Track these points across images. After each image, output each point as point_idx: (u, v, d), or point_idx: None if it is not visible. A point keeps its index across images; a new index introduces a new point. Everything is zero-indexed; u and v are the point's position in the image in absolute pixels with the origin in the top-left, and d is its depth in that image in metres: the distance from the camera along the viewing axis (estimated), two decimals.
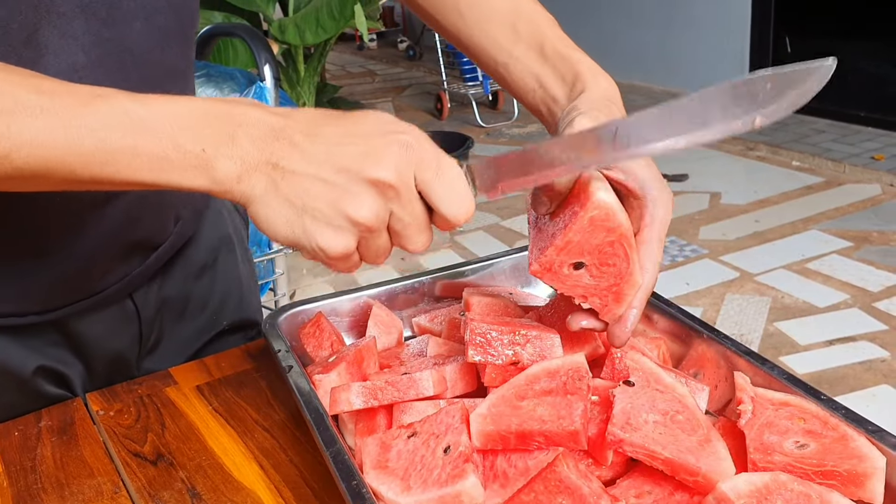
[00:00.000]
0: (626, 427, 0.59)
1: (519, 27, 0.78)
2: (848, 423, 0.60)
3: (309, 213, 0.56)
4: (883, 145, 4.49)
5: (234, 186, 0.56)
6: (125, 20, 0.70)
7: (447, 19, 0.81)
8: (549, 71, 0.76)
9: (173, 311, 0.94)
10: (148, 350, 0.93)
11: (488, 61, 0.80)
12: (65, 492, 0.71)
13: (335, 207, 0.56)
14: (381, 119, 0.58)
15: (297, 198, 0.56)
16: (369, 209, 0.56)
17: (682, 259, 3.41)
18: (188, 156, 0.55)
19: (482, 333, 0.69)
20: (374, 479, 0.61)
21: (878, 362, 2.58)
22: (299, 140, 0.56)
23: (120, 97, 0.56)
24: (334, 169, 0.55)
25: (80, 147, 0.54)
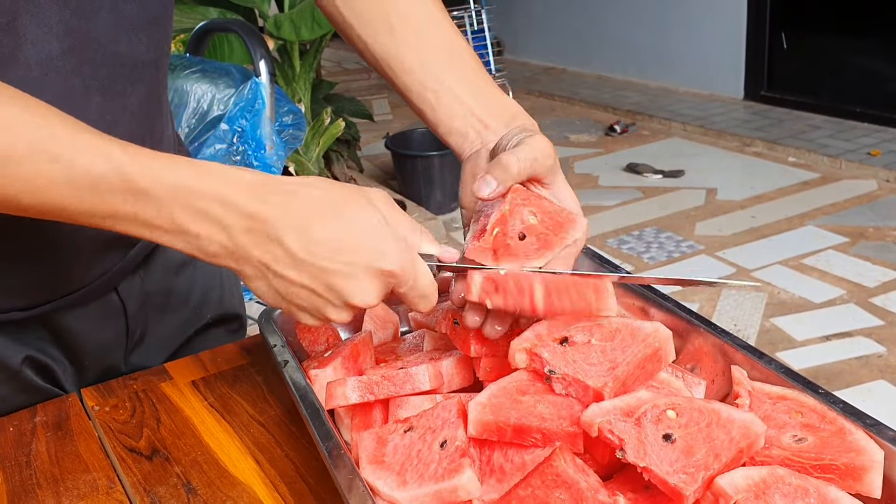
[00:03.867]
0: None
1: (454, 59, 0.80)
2: (846, 416, 0.60)
3: (295, 306, 0.64)
4: (879, 141, 4.49)
5: (226, 263, 0.63)
6: (92, 10, 0.71)
7: (377, 39, 0.81)
8: (483, 103, 0.78)
9: (156, 305, 0.94)
10: (134, 344, 0.93)
11: (414, 86, 0.80)
12: (60, 487, 0.71)
13: (319, 311, 0.64)
14: (370, 224, 0.63)
15: (286, 295, 0.64)
16: (347, 316, 0.65)
17: (679, 255, 3.41)
18: (184, 233, 0.61)
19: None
20: (371, 474, 0.61)
21: (874, 357, 2.58)
22: (292, 245, 0.61)
23: (124, 161, 0.59)
24: (323, 286, 0.63)
25: (83, 203, 0.59)
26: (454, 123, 0.79)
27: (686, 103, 5.56)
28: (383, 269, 0.63)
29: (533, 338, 0.66)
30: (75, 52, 0.71)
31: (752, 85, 5.45)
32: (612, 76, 6.42)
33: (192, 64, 1.89)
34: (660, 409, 0.59)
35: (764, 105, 5.34)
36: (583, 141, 5.11)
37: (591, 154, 4.83)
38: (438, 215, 3.90)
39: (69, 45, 0.70)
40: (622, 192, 4.16)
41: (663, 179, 4.30)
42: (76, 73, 0.71)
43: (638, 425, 0.58)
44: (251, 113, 1.74)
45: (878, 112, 4.72)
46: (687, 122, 5.13)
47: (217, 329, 1.03)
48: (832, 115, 4.94)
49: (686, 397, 0.61)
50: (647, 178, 4.34)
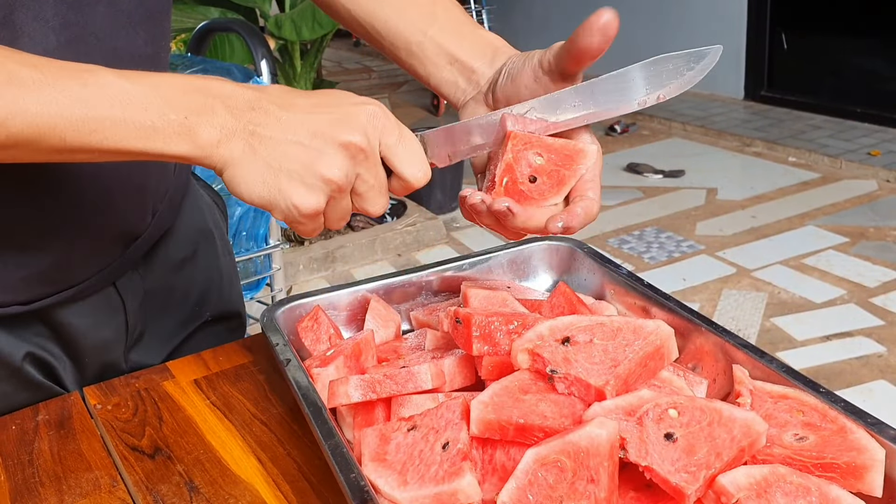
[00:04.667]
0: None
1: (437, 11, 0.81)
2: (847, 415, 0.60)
3: (285, 174, 0.62)
4: (879, 141, 4.50)
5: (214, 151, 0.61)
6: (89, 4, 0.72)
7: (360, 4, 0.82)
8: (466, 46, 0.79)
9: (156, 302, 0.94)
10: (134, 342, 0.93)
11: (400, 43, 0.81)
12: (62, 485, 0.71)
13: (309, 168, 0.62)
14: (346, 94, 0.65)
15: (273, 160, 0.62)
16: (340, 169, 0.62)
17: (679, 255, 3.41)
18: (172, 124, 0.60)
19: (484, 325, 0.69)
20: (372, 472, 0.61)
21: (874, 357, 2.58)
22: (273, 110, 0.62)
23: (106, 72, 0.60)
24: (309, 133, 0.62)
25: (71, 116, 0.58)
26: (443, 74, 0.80)
27: (686, 103, 5.56)
28: (367, 108, 0.63)
29: (535, 338, 0.66)
30: (72, 46, 0.71)
31: (753, 85, 5.45)
32: None
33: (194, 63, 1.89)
34: (661, 409, 0.59)
35: (764, 105, 5.34)
36: None
37: None
38: (439, 215, 3.90)
39: (66, 38, 0.71)
40: (623, 192, 4.16)
41: (664, 179, 4.30)
42: None
43: (640, 424, 0.58)
44: None
45: (879, 112, 4.72)
46: (687, 122, 5.13)
47: (217, 326, 1.04)
48: (832, 115, 4.95)
49: (688, 396, 0.61)
50: (647, 177, 4.34)
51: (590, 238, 3.55)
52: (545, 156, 0.70)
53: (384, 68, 7.89)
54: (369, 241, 3.61)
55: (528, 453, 0.57)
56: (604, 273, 0.88)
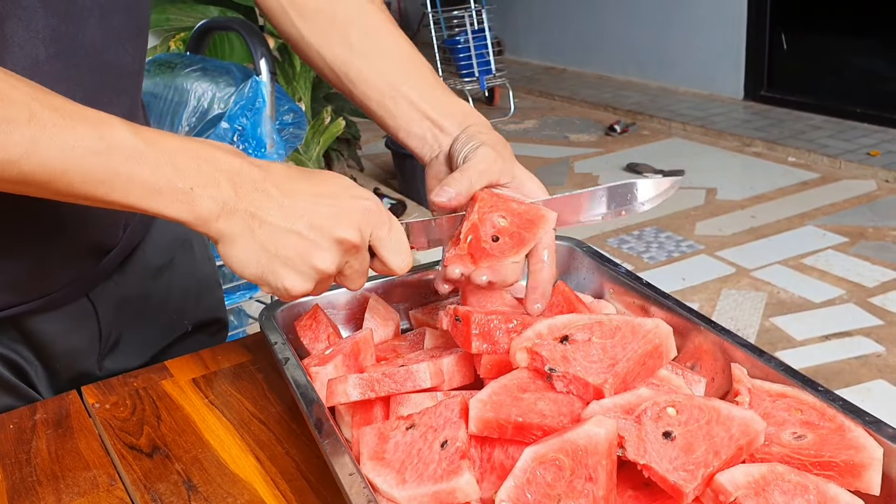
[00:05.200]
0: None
1: (411, 69, 0.85)
2: (845, 414, 0.60)
3: (280, 259, 0.65)
4: (878, 141, 4.50)
5: (213, 224, 0.64)
6: (81, 17, 0.72)
7: (336, 53, 0.85)
8: (437, 106, 0.83)
9: (132, 311, 0.94)
10: (108, 349, 0.93)
11: (373, 94, 0.84)
12: (60, 484, 0.71)
13: (304, 258, 0.65)
14: (345, 183, 0.69)
15: (270, 245, 0.65)
16: (332, 262, 0.66)
17: (679, 254, 3.41)
18: (177, 191, 0.62)
19: (484, 324, 0.69)
20: (371, 470, 0.61)
21: (873, 357, 2.58)
22: (275, 194, 0.65)
23: (122, 127, 0.62)
24: (307, 225, 0.65)
25: (83, 165, 0.60)
26: (412, 128, 0.83)
27: (686, 103, 5.56)
28: (363, 204, 0.67)
29: (533, 336, 0.66)
30: (61, 58, 0.72)
31: (752, 85, 5.45)
32: (613, 76, 6.42)
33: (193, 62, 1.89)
34: (660, 407, 0.59)
35: (764, 105, 5.34)
36: (583, 141, 5.12)
37: (592, 154, 4.84)
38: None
39: (55, 50, 0.71)
40: None
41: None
42: (62, 78, 0.72)
43: (638, 423, 0.58)
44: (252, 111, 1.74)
45: (878, 112, 4.72)
46: (687, 122, 5.13)
47: (199, 334, 1.03)
48: (832, 115, 4.95)
49: (686, 395, 0.61)
50: (647, 177, 4.34)
51: (589, 238, 3.55)
52: (508, 218, 0.75)
53: None
54: None
55: (526, 452, 0.57)
56: (603, 272, 0.88)
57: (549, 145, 5.07)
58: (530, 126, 5.54)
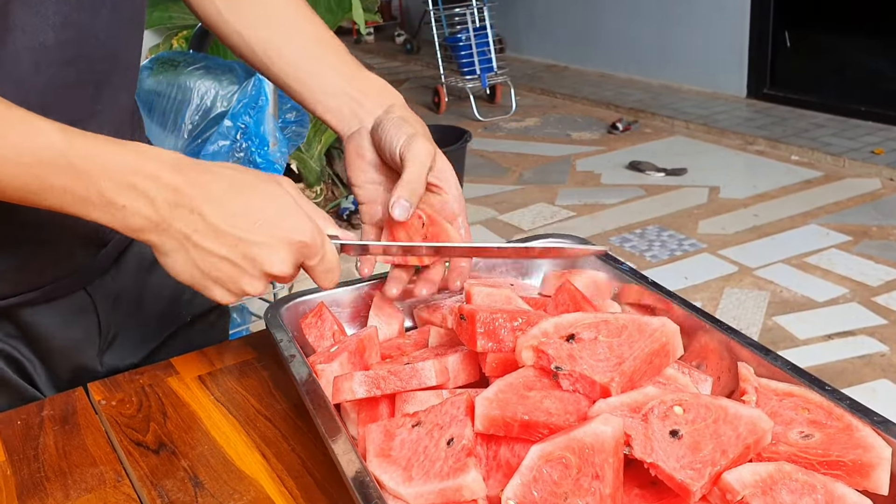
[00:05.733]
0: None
1: (325, 46, 0.88)
2: (853, 413, 0.60)
3: (212, 280, 0.68)
4: (882, 139, 4.49)
5: (145, 236, 0.66)
6: (93, 6, 0.73)
7: (256, 32, 0.88)
8: (355, 82, 0.86)
9: (129, 304, 0.94)
10: (108, 343, 0.93)
11: (290, 70, 0.87)
12: (67, 480, 0.71)
13: (235, 282, 0.69)
14: (284, 207, 0.69)
15: (204, 266, 0.67)
16: (261, 287, 0.70)
17: (681, 253, 3.41)
18: (109, 206, 0.64)
19: (489, 322, 0.69)
20: (377, 468, 0.61)
21: (877, 357, 2.58)
22: (212, 219, 0.66)
23: (57, 137, 0.62)
24: (241, 255, 0.67)
25: (16, 179, 0.62)
26: (330, 102, 0.86)
27: (689, 101, 5.56)
28: (298, 240, 0.68)
29: (539, 335, 0.66)
30: (71, 45, 0.72)
31: (756, 83, 5.45)
32: (615, 74, 6.42)
33: (196, 60, 1.89)
34: (667, 406, 0.59)
35: (767, 103, 5.34)
36: (585, 139, 5.11)
37: (594, 152, 4.84)
38: None
39: (66, 37, 0.71)
40: (624, 190, 4.16)
41: (666, 177, 4.30)
42: (71, 64, 0.73)
43: (645, 421, 0.58)
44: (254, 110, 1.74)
45: (882, 110, 4.72)
46: (690, 120, 5.13)
47: (200, 325, 1.03)
48: (835, 113, 4.94)
49: (693, 393, 0.61)
50: (649, 175, 4.34)
51: (592, 236, 3.55)
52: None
53: (385, 66, 7.89)
54: None
55: (532, 449, 0.57)
56: (608, 270, 0.88)
57: (551, 143, 5.07)
58: (532, 124, 5.54)
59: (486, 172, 4.59)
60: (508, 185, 4.38)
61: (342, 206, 3.80)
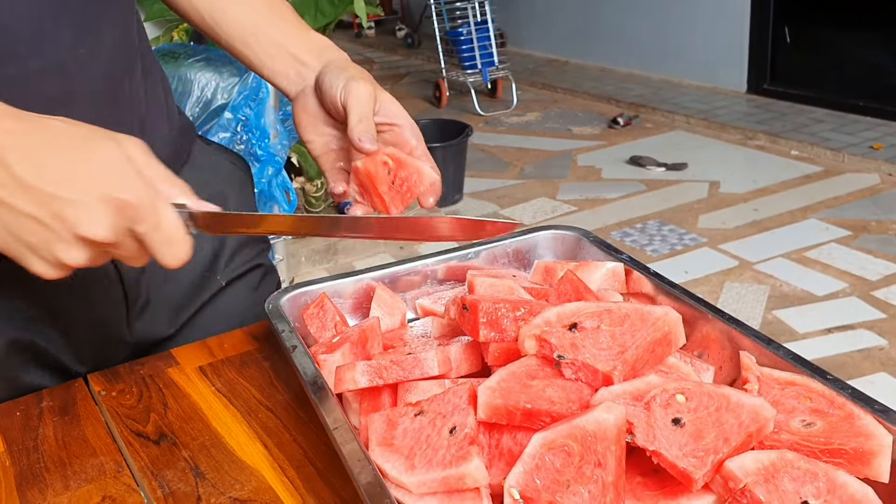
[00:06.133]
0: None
1: (272, 9, 0.89)
2: (854, 402, 0.60)
3: (24, 244, 0.59)
4: (882, 135, 4.49)
5: None
6: None
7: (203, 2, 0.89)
8: (297, 42, 0.88)
9: (157, 272, 0.90)
10: (137, 313, 0.90)
11: (236, 34, 0.88)
12: (67, 471, 0.71)
13: (48, 248, 0.59)
14: (114, 161, 0.60)
15: (13, 228, 0.59)
16: (80, 257, 0.60)
17: (682, 247, 3.41)
18: None
19: (491, 312, 0.69)
20: (379, 457, 0.61)
21: (876, 350, 2.58)
22: (20, 170, 0.57)
23: None
24: (50, 215, 0.58)
25: None
26: (275, 65, 0.88)
27: (689, 96, 5.55)
28: (116, 196, 0.59)
29: (542, 324, 0.66)
30: None
31: (756, 78, 5.44)
32: (616, 68, 6.41)
33: (196, 52, 1.89)
34: (669, 394, 0.59)
35: (767, 98, 5.33)
36: (586, 133, 5.11)
37: (595, 147, 4.83)
38: (442, 207, 3.90)
39: None
40: (625, 185, 4.16)
41: (666, 172, 4.30)
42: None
43: (647, 409, 0.58)
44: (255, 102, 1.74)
45: (881, 106, 4.71)
46: (690, 115, 5.12)
47: (239, 287, 1.01)
48: (835, 108, 4.94)
49: (695, 382, 0.61)
50: (650, 170, 4.33)
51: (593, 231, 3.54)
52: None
53: (385, 60, 7.89)
54: None
55: (535, 438, 0.57)
56: (609, 261, 0.88)
57: (552, 138, 5.06)
58: (533, 119, 5.54)
59: (488, 167, 4.59)
60: (510, 179, 4.38)
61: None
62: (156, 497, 0.67)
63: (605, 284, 0.85)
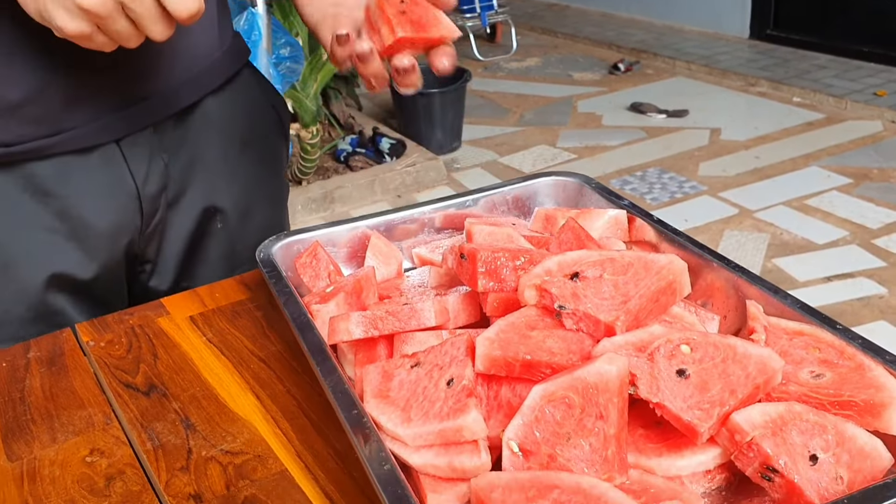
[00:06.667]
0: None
1: None
2: (865, 352, 0.58)
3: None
4: (885, 81, 4.42)
5: None
6: None
7: None
8: None
9: (176, 188, 0.91)
10: (154, 228, 0.90)
11: None
12: (55, 423, 0.69)
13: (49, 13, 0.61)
14: None
15: None
16: (96, 2, 0.60)
17: (682, 195, 3.38)
18: None
19: (490, 261, 0.66)
20: (375, 409, 0.59)
21: (875, 299, 2.57)
22: None
23: None
24: None
25: None
26: None
27: (691, 42, 5.46)
28: None
29: (543, 273, 0.64)
30: None
31: (758, 24, 5.34)
32: (617, 13, 6.29)
33: None
34: (673, 344, 0.57)
35: (769, 44, 5.24)
36: (586, 79, 5.03)
37: (595, 93, 4.76)
38: (440, 155, 3.85)
39: None
40: (626, 132, 4.11)
41: (667, 119, 4.24)
42: None
43: (651, 360, 0.56)
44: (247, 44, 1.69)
45: (886, 52, 4.63)
46: (692, 61, 5.04)
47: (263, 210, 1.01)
48: (838, 54, 4.86)
49: (700, 332, 0.59)
50: (650, 117, 4.28)
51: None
52: None
53: None
54: (368, 182, 3.57)
55: (535, 389, 0.55)
56: (611, 208, 0.85)
57: (552, 84, 4.99)
58: (533, 64, 5.45)
59: (487, 113, 4.53)
60: (509, 126, 4.33)
61: (339, 147, 3.75)
62: (145, 450, 0.65)
63: (608, 232, 0.82)
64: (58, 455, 0.65)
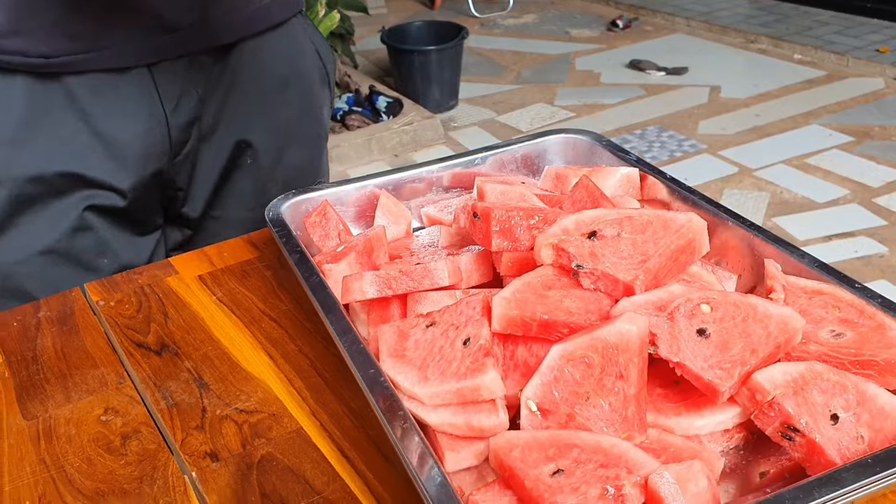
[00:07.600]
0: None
1: None
2: (885, 311, 0.58)
3: None
4: (888, 38, 4.37)
5: None
6: None
7: None
8: None
9: (205, 135, 0.94)
10: (183, 158, 0.93)
11: None
12: (68, 382, 0.69)
13: None
14: None
15: None
16: None
17: (681, 154, 3.36)
18: None
19: (504, 220, 0.65)
20: (391, 368, 0.59)
21: (876, 258, 2.57)
22: None
23: None
24: None
25: None
26: None
27: None
28: None
29: (559, 232, 0.63)
30: None
31: None
32: None
33: None
34: (693, 303, 0.56)
35: (770, 0, 5.18)
36: (584, 36, 4.97)
37: (593, 50, 4.71)
38: (437, 113, 3.82)
39: None
40: (624, 90, 4.07)
41: (666, 77, 4.20)
42: None
43: (671, 320, 0.55)
44: None
45: (889, 7, 4.58)
46: (691, 18, 4.98)
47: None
48: (840, 10, 4.80)
49: (720, 291, 0.58)
50: (649, 75, 4.24)
51: None
52: None
53: None
54: (365, 141, 3.54)
55: (553, 349, 0.55)
56: (624, 166, 0.84)
57: (550, 41, 4.93)
58: (530, 21, 5.38)
59: (483, 71, 4.48)
60: (506, 84, 4.28)
61: (335, 106, 3.71)
62: (159, 409, 0.65)
63: (620, 191, 0.82)
64: (73, 414, 0.65)
